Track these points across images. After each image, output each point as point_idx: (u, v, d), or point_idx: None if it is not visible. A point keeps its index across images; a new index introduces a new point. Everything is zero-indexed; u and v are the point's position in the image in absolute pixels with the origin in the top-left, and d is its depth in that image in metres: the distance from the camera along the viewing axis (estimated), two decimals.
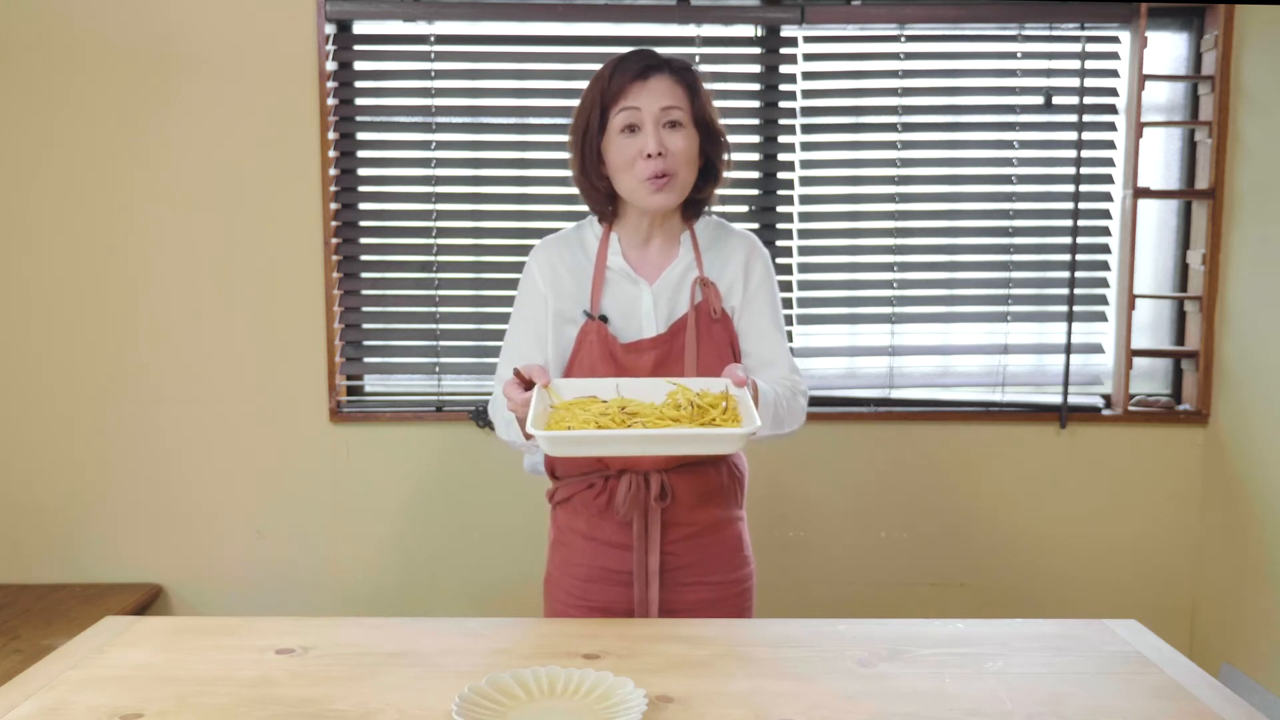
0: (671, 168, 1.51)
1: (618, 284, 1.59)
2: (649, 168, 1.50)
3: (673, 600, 1.59)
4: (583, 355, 1.56)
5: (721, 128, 1.59)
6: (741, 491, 1.67)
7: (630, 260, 1.60)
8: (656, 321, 1.57)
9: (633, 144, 1.51)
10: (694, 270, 1.60)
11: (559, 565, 1.65)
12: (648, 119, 1.50)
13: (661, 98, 1.51)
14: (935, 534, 2.79)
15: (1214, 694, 1.19)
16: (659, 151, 1.49)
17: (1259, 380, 2.57)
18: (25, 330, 2.69)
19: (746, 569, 1.67)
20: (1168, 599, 2.80)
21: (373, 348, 2.79)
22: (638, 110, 1.50)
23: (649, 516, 1.57)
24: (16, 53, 2.61)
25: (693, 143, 1.54)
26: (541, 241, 1.66)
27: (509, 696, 1.14)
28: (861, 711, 1.14)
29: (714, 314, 1.57)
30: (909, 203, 2.76)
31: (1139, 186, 2.71)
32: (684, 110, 1.52)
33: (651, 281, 1.59)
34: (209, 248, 2.68)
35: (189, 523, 2.74)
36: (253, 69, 2.63)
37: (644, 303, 1.58)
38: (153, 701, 1.16)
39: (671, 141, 1.51)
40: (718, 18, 2.68)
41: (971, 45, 2.74)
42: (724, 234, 1.66)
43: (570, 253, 1.62)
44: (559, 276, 1.60)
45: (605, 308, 1.58)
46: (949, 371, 2.84)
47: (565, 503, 1.64)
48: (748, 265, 1.62)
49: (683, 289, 1.59)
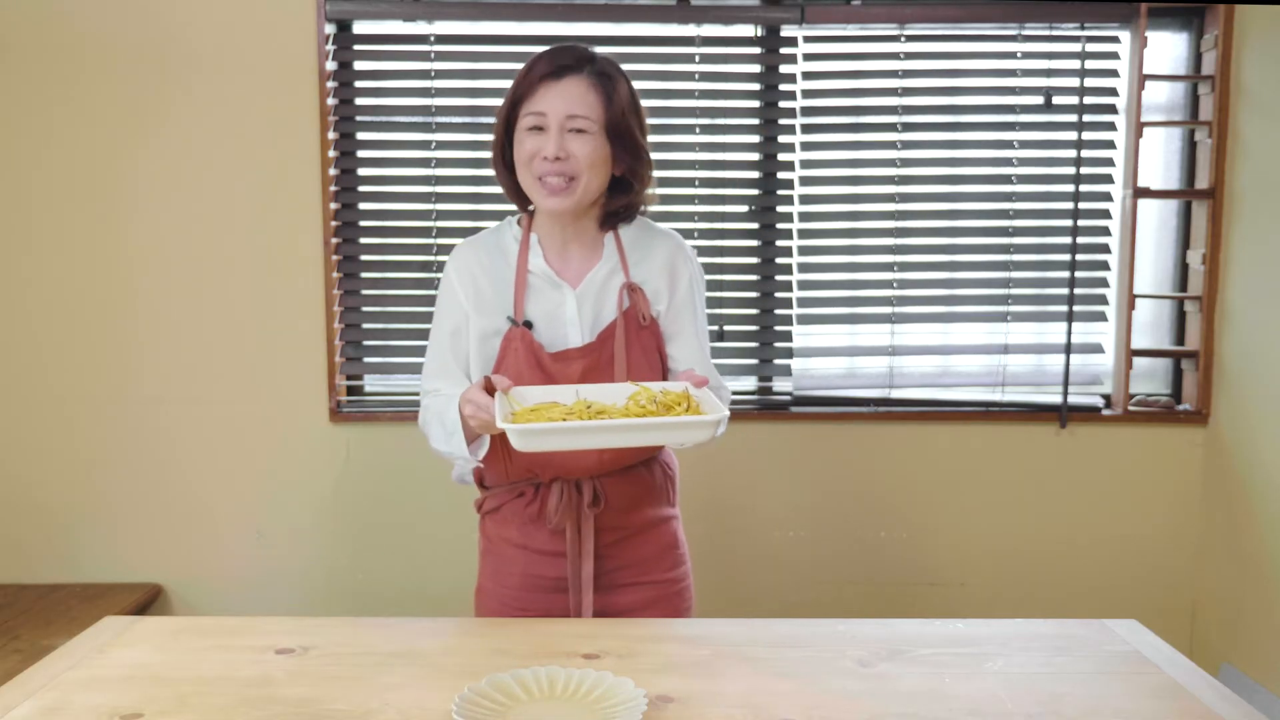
0: (571, 170, 1.47)
1: (540, 289, 1.54)
2: (545, 168, 1.47)
3: (609, 603, 1.56)
4: (508, 363, 1.51)
5: (641, 140, 1.53)
6: (674, 490, 1.65)
7: (552, 263, 1.55)
8: (581, 327, 1.53)
9: (535, 141, 1.47)
10: (619, 274, 1.55)
11: (490, 575, 1.62)
12: (552, 123, 1.46)
13: (570, 103, 1.46)
14: (935, 534, 2.79)
15: (1214, 694, 1.19)
16: (557, 156, 1.45)
17: (1259, 380, 2.57)
18: (25, 330, 2.69)
19: (682, 567, 1.64)
20: (1168, 599, 2.80)
21: (373, 348, 2.79)
22: (543, 115, 1.46)
23: (582, 524, 1.54)
24: (16, 52, 2.61)
25: (599, 149, 1.48)
26: (459, 246, 1.61)
27: (509, 696, 1.14)
28: (861, 711, 1.14)
29: (642, 320, 1.53)
30: (909, 203, 2.76)
31: (1139, 186, 2.71)
32: (593, 119, 1.46)
33: (575, 285, 1.54)
34: (209, 247, 2.67)
35: (189, 523, 2.74)
36: (253, 69, 2.63)
37: (568, 308, 1.53)
38: (153, 701, 1.16)
39: (574, 145, 1.46)
40: (718, 18, 2.68)
41: (971, 45, 2.74)
42: (648, 234, 1.61)
43: (489, 258, 1.57)
44: (478, 286, 1.55)
45: (529, 313, 1.53)
46: (949, 371, 2.84)
47: (495, 512, 1.61)
48: (674, 269, 1.58)
49: (607, 293, 1.54)
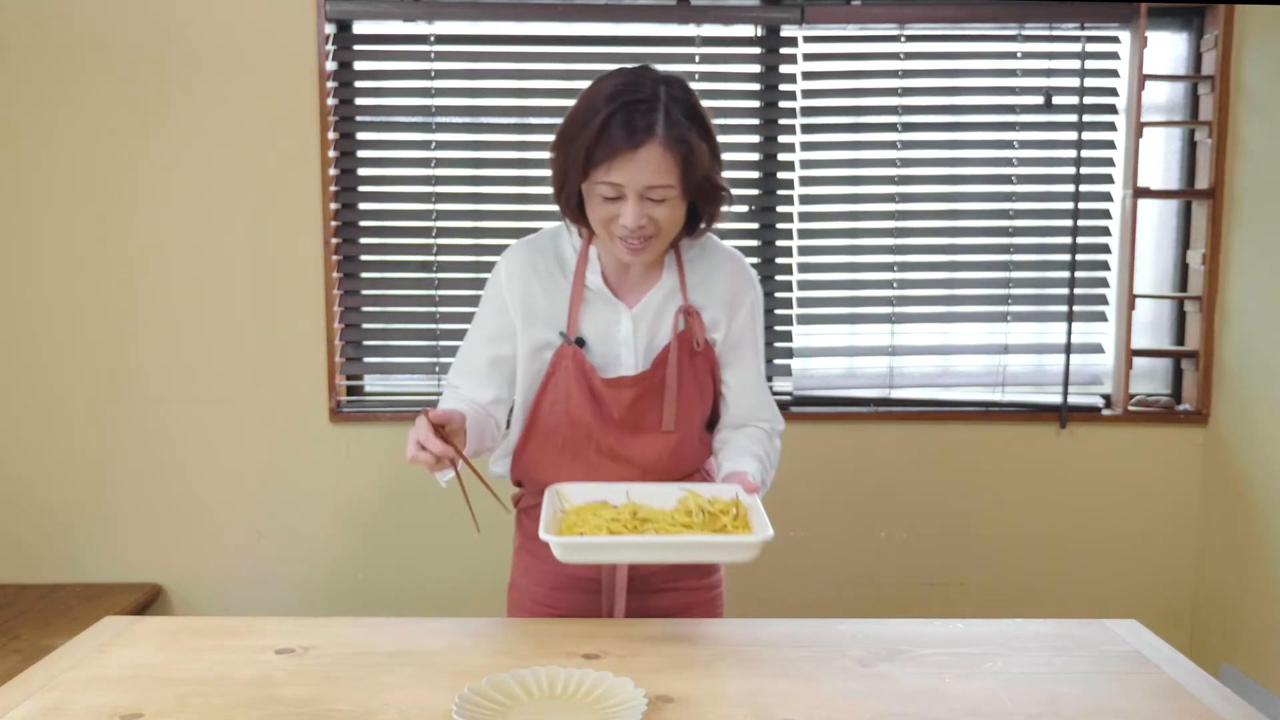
0: (649, 232, 1.39)
1: (595, 305, 1.49)
2: (623, 232, 1.38)
3: (642, 607, 1.55)
4: (557, 380, 1.48)
5: (720, 183, 1.43)
6: None
7: (610, 281, 1.49)
8: (635, 349, 1.49)
9: (612, 208, 1.38)
10: (677, 296, 1.50)
11: (523, 572, 1.61)
12: (630, 193, 1.35)
13: (647, 175, 1.34)
14: (935, 534, 2.79)
15: (1214, 694, 1.19)
16: (639, 224, 1.37)
17: (1259, 380, 2.57)
18: (25, 330, 2.69)
19: (717, 574, 1.63)
20: (1168, 599, 2.80)
21: (373, 348, 2.79)
22: (620, 187, 1.35)
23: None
24: (16, 52, 2.61)
25: (678, 210, 1.40)
26: (514, 248, 1.54)
27: (509, 696, 1.14)
28: (861, 711, 1.14)
29: (696, 345, 1.49)
30: (909, 203, 2.76)
31: (1139, 186, 2.71)
32: (673, 185, 1.36)
33: (631, 306, 1.49)
34: (209, 247, 2.68)
35: (189, 523, 2.74)
36: (253, 69, 2.63)
37: (623, 328, 1.49)
38: (153, 701, 1.16)
39: (654, 211, 1.37)
40: (718, 18, 2.68)
41: (971, 45, 2.74)
42: (711, 254, 1.54)
43: (545, 265, 1.51)
44: (530, 294, 1.49)
45: (582, 330, 1.48)
46: (949, 371, 2.84)
47: (531, 510, 1.60)
48: (735, 296, 1.53)
49: (664, 316, 1.49)
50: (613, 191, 1.36)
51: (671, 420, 1.49)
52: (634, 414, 1.48)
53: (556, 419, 1.49)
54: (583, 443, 1.50)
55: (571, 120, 1.40)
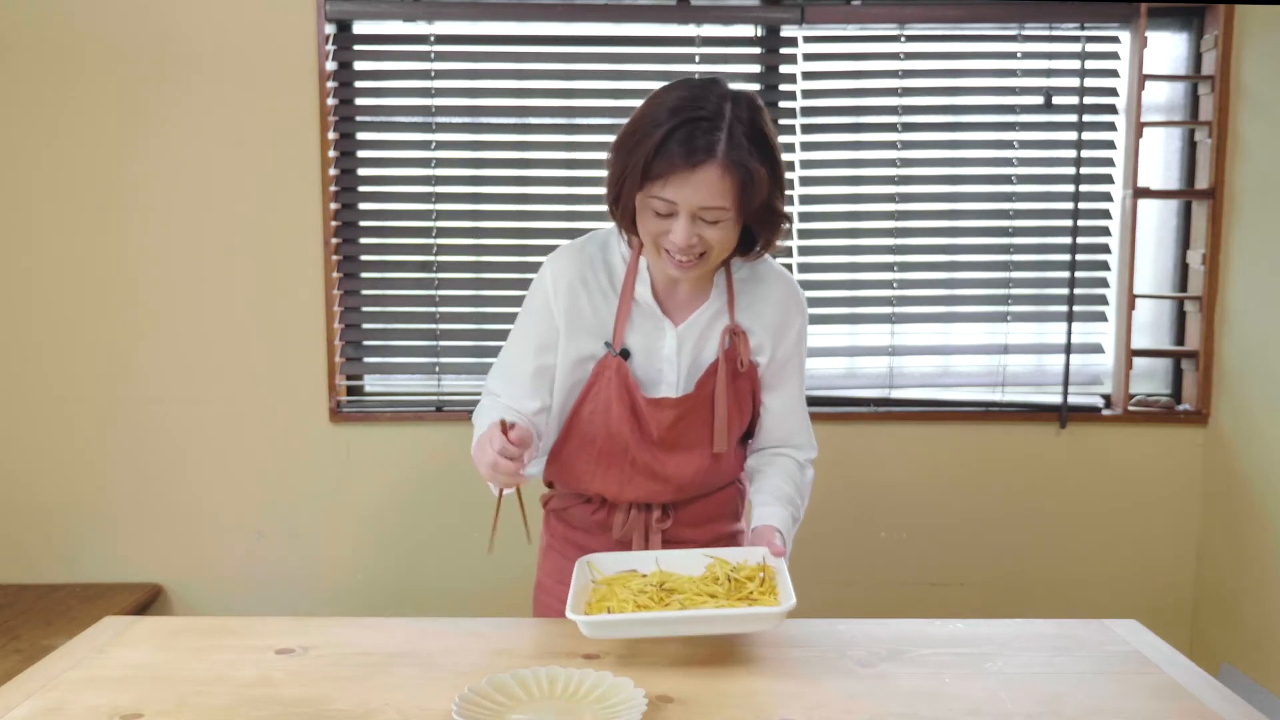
0: (700, 250, 1.37)
1: (641, 319, 1.47)
2: (675, 249, 1.36)
3: None
4: (599, 391, 1.47)
5: (780, 209, 1.40)
6: (743, 505, 1.65)
7: (659, 295, 1.47)
8: (679, 367, 1.48)
9: (663, 223, 1.35)
10: (724, 316, 1.48)
11: (550, 573, 1.61)
12: (683, 211, 1.33)
13: (704, 196, 1.31)
14: (935, 534, 2.79)
15: (1214, 694, 1.19)
16: (689, 243, 1.34)
17: (1259, 380, 2.56)
18: (25, 330, 2.69)
19: None
20: (1168, 599, 2.80)
21: (373, 348, 2.79)
22: (673, 204, 1.33)
23: (649, 536, 1.53)
24: (16, 52, 2.61)
25: (732, 232, 1.38)
26: (562, 253, 1.51)
27: (509, 696, 1.14)
28: (861, 711, 1.14)
29: (740, 365, 1.48)
30: (909, 203, 2.76)
31: (1139, 186, 2.71)
32: (727, 209, 1.33)
33: (678, 323, 1.47)
34: (209, 247, 2.68)
35: (189, 523, 2.74)
36: (253, 69, 2.63)
37: (667, 344, 1.47)
38: (153, 701, 1.16)
39: (707, 232, 1.35)
40: (718, 18, 2.68)
41: (971, 45, 2.74)
42: (762, 275, 1.52)
43: (594, 273, 1.48)
44: (576, 302, 1.47)
45: (627, 343, 1.47)
46: (949, 371, 2.84)
47: (560, 512, 1.60)
48: (784, 321, 1.51)
49: (710, 335, 1.48)
50: (666, 208, 1.34)
51: (723, 442, 1.49)
52: (673, 434, 1.48)
53: (595, 428, 1.49)
54: (619, 455, 1.49)
55: (631, 130, 1.36)
